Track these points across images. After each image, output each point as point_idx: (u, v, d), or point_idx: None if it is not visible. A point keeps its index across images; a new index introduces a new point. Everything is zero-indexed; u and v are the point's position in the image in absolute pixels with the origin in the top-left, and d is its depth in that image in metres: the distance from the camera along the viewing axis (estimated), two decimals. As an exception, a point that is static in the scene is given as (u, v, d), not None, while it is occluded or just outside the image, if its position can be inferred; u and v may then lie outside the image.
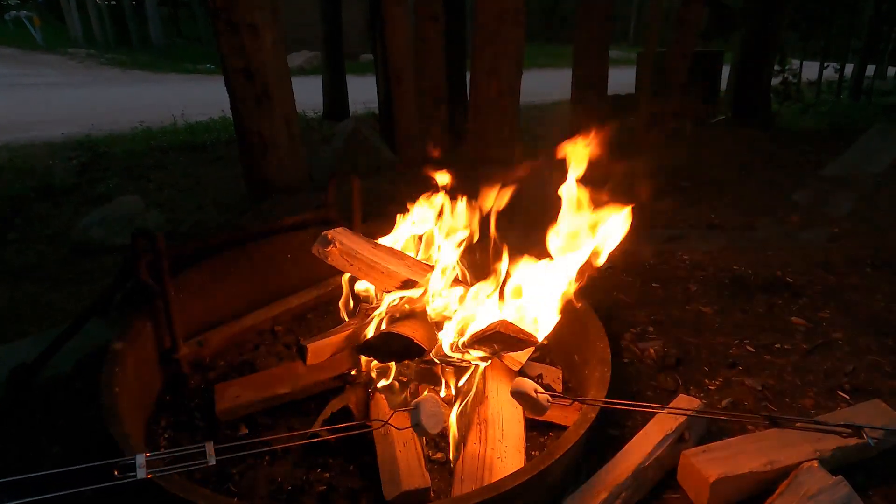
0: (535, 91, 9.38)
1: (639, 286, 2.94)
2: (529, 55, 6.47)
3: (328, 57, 8.54)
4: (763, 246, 3.45)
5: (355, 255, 1.89)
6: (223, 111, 7.75)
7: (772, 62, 8.49)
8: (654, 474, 1.62)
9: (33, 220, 4.23)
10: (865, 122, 7.74)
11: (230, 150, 6.29)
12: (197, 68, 16.88)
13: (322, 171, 5.10)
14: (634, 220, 1.75)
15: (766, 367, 2.25)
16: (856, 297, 2.80)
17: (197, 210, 4.45)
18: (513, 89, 5.10)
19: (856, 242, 3.45)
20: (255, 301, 2.49)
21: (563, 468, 1.56)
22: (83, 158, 5.99)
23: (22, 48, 18.53)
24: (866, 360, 2.28)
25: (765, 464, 1.56)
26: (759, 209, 4.17)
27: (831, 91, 12.92)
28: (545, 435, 1.86)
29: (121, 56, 18.25)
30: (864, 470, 1.67)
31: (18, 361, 2.06)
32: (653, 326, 2.56)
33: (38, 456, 1.80)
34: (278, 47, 4.22)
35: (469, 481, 1.55)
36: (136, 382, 1.87)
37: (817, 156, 5.71)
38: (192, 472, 1.70)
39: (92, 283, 3.13)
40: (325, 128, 7.86)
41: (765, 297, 2.81)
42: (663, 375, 2.20)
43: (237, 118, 4.33)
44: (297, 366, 2.03)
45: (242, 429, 1.88)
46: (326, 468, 1.71)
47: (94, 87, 13.28)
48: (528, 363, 2.04)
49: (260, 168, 4.41)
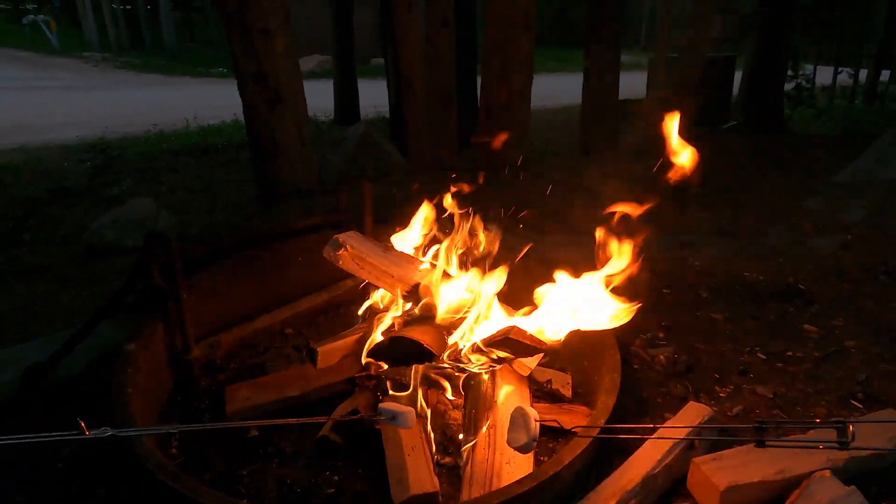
0: (545, 95, 9.38)
1: (649, 292, 2.93)
2: (539, 59, 6.48)
3: (339, 61, 8.59)
4: (775, 252, 3.42)
5: (365, 259, 1.90)
6: (235, 115, 7.81)
7: (784, 67, 8.43)
8: (663, 481, 1.61)
9: (47, 222, 4.28)
10: (879, 128, 7.67)
11: (242, 154, 6.34)
12: (209, 72, 17.03)
13: (332, 174, 5.12)
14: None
15: (777, 375, 2.23)
16: (869, 304, 2.77)
17: (208, 213, 4.48)
18: (523, 94, 5.11)
19: (869, 250, 3.42)
20: (265, 304, 2.50)
21: (572, 474, 1.55)
22: (97, 161, 6.06)
23: (38, 52, 18.82)
24: (880, 369, 2.25)
25: (776, 472, 1.55)
26: (772, 215, 4.14)
27: (845, 96, 12.79)
28: (554, 441, 1.85)
29: (135, 59, 18.48)
30: (877, 480, 1.65)
31: (31, 361, 2.08)
32: (663, 333, 2.55)
33: (50, 456, 1.82)
34: (290, 52, 4.25)
35: (477, 486, 1.55)
36: (147, 383, 1.88)
37: (830, 161, 5.65)
38: (202, 473, 1.72)
39: (104, 284, 3.16)
40: (336, 131, 7.91)
41: (777, 304, 2.78)
42: (673, 382, 2.18)
43: (249, 122, 4.36)
44: (307, 369, 2.04)
45: (252, 430, 1.89)
46: (335, 471, 1.72)
47: (109, 90, 13.44)
48: (537, 368, 2.03)
49: (271, 171, 4.44)
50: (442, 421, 1.86)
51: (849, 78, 12.93)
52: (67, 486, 1.70)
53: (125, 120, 8.92)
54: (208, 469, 1.73)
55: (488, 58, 4.98)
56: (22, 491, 1.69)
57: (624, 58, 6.62)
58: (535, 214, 2.19)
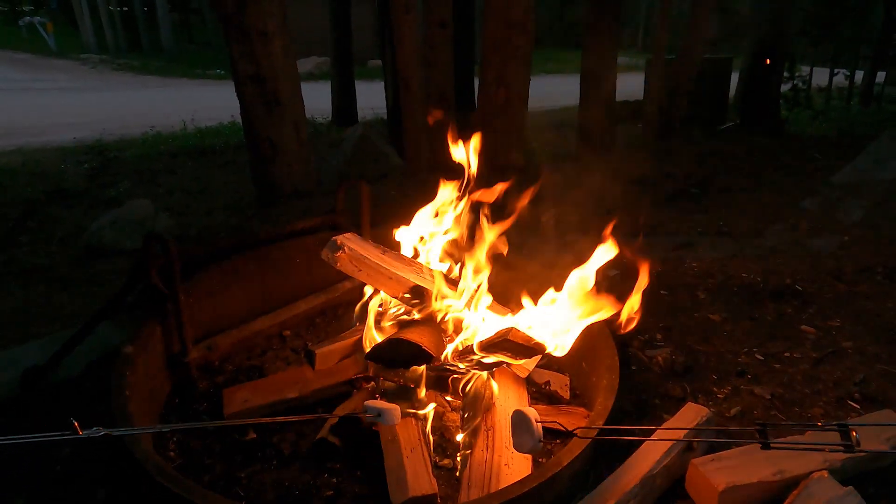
0: (543, 97, 9.38)
1: (647, 293, 2.93)
2: (538, 61, 6.49)
3: (337, 62, 8.60)
4: (772, 253, 3.43)
5: (364, 261, 1.90)
6: (233, 116, 7.81)
7: (781, 68, 8.46)
8: (661, 483, 1.61)
9: (45, 223, 4.27)
10: (876, 129, 7.69)
11: (239, 155, 6.34)
12: (207, 74, 17.04)
13: (330, 176, 5.13)
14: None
15: (775, 376, 2.24)
16: (866, 305, 2.78)
17: (206, 214, 4.48)
18: (521, 95, 5.11)
19: (866, 250, 3.43)
20: (263, 306, 2.50)
21: (571, 476, 1.55)
22: (94, 162, 6.06)
23: (35, 54, 18.82)
24: (877, 370, 2.26)
25: (774, 473, 1.55)
26: (769, 216, 4.15)
27: (842, 97, 12.84)
28: (552, 442, 1.85)
29: (132, 61, 18.48)
30: (875, 481, 1.65)
31: (31, 363, 2.08)
32: (661, 334, 2.55)
33: (49, 457, 1.82)
34: (288, 53, 4.25)
35: (476, 488, 1.55)
36: (145, 385, 1.88)
37: (827, 162, 5.67)
38: (201, 476, 1.71)
39: (103, 285, 3.15)
40: (334, 133, 7.91)
41: (774, 305, 2.79)
42: (671, 383, 2.19)
43: (247, 123, 4.36)
44: (305, 371, 2.04)
45: (250, 433, 1.89)
46: (334, 473, 1.72)
47: (106, 92, 13.43)
48: (535, 370, 2.04)
49: (269, 173, 4.44)
50: (440, 423, 1.87)
51: (845, 79, 12.97)
52: (67, 487, 1.70)
53: (123, 122, 8.92)
54: (207, 471, 1.73)
55: (486, 59, 4.98)
56: (21, 492, 1.69)
57: (621, 59, 6.63)
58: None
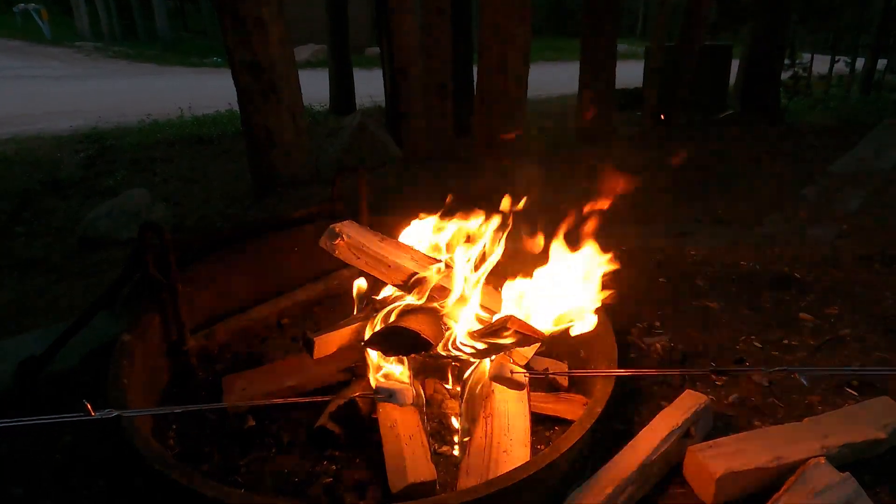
0: (541, 84, 9.34)
1: (645, 281, 2.93)
2: (536, 48, 6.45)
3: (334, 50, 8.54)
4: (771, 241, 3.43)
5: (362, 249, 1.89)
6: (230, 104, 7.76)
7: (781, 56, 8.42)
8: (659, 469, 1.62)
9: (41, 213, 4.25)
10: (876, 117, 7.67)
11: (236, 144, 6.31)
12: (203, 62, 16.91)
13: (328, 164, 5.10)
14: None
15: (773, 363, 2.24)
16: (864, 293, 2.78)
17: (203, 203, 4.46)
18: (520, 82, 5.08)
19: (865, 239, 3.43)
20: (262, 294, 2.49)
21: (569, 462, 1.56)
22: (90, 151, 6.02)
23: (30, 41, 18.64)
24: (874, 357, 2.26)
25: (771, 459, 1.56)
26: (768, 204, 4.15)
27: (842, 86, 12.79)
28: (551, 429, 1.86)
29: (127, 49, 18.32)
30: (872, 467, 1.66)
31: (27, 354, 2.07)
32: (659, 322, 2.55)
33: (48, 445, 1.81)
34: (285, 41, 4.22)
35: (475, 475, 1.55)
36: (144, 374, 1.88)
37: (827, 151, 5.66)
38: (200, 464, 1.72)
39: (99, 275, 3.14)
40: (332, 121, 7.87)
41: (772, 293, 2.79)
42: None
43: (244, 112, 4.34)
44: (303, 359, 2.04)
45: (249, 421, 1.89)
46: (333, 460, 1.72)
47: (101, 80, 13.33)
48: (534, 357, 2.03)
49: (266, 161, 4.42)
50: (439, 410, 1.87)
51: (846, 67, 12.92)
52: (66, 476, 1.70)
53: (119, 110, 8.86)
54: (206, 460, 1.73)
55: (485, 47, 4.95)
56: (19, 482, 1.69)
57: (620, 47, 6.59)
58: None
